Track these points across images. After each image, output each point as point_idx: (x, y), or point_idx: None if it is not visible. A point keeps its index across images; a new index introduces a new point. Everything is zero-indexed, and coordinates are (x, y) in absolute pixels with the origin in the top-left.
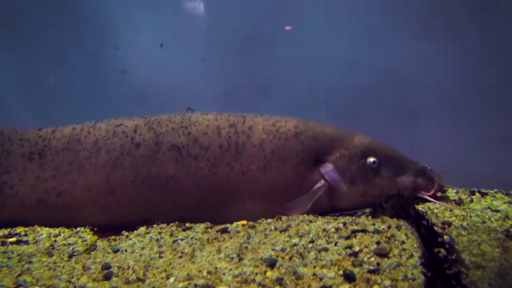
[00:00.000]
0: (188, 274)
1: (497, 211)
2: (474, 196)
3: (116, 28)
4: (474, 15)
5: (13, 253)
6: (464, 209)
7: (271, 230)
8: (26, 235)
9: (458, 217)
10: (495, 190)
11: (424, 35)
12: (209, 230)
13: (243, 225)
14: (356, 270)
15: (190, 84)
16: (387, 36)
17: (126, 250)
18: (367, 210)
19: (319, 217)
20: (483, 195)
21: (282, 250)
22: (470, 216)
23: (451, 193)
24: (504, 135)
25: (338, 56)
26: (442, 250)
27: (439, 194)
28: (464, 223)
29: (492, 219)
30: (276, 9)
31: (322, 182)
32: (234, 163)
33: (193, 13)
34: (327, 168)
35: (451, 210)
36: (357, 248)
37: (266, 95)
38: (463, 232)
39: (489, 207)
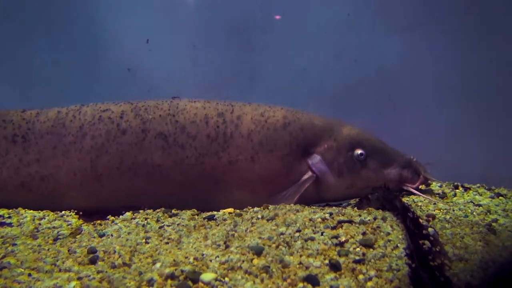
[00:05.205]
0: (174, 260)
1: (479, 205)
2: (457, 190)
3: (105, 12)
4: (461, 11)
5: None
6: (448, 202)
7: (258, 218)
8: (9, 217)
9: (441, 210)
10: (478, 184)
11: (413, 28)
12: (196, 217)
13: (230, 213)
14: (341, 260)
15: (179, 69)
16: (376, 27)
17: (112, 235)
18: (352, 202)
19: (306, 207)
20: (466, 189)
21: (269, 238)
22: (453, 210)
23: (435, 186)
24: (488, 130)
25: (327, 46)
26: (427, 242)
27: (422, 187)
28: (448, 217)
29: (475, 213)
30: None
31: (309, 173)
32: (221, 153)
33: None
34: (315, 159)
35: (435, 204)
36: (343, 238)
37: (254, 82)
38: (446, 225)
39: (471, 201)
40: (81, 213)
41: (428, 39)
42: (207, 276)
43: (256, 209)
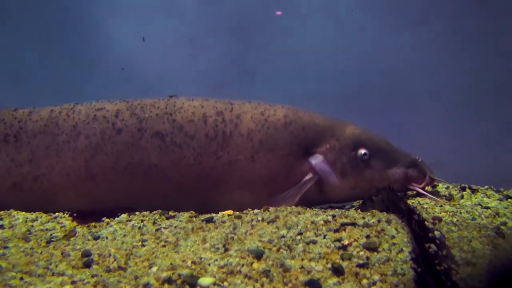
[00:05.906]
0: (171, 264)
1: (487, 208)
2: (464, 192)
3: (103, 10)
4: (469, 10)
5: None
6: (455, 205)
7: (258, 221)
8: (1, 219)
9: (448, 212)
10: (486, 186)
11: (419, 27)
12: (194, 219)
13: (229, 215)
14: (344, 264)
15: (178, 67)
16: (379, 24)
17: (107, 238)
18: (356, 204)
19: (308, 209)
20: (474, 191)
21: (270, 241)
22: (460, 213)
23: (442, 188)
24: (496, 132)
25: (328, 43)
26: (433, 246)
27: (428, 188)
28: (454, 219)
29: (482, 216)
30: None
31: (311, 174)
32: (220, 152)
33: None
34: (317, 159)
35: (441, 206)
36: (346, 242)
37: (254, 80)
38: (453, 228)
39: (479, 204)
40: (75, 214)
41: (431, 38)
42: (205, 281)
43: (256, 211)
